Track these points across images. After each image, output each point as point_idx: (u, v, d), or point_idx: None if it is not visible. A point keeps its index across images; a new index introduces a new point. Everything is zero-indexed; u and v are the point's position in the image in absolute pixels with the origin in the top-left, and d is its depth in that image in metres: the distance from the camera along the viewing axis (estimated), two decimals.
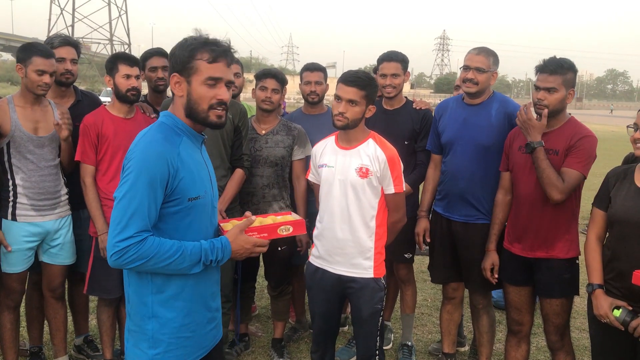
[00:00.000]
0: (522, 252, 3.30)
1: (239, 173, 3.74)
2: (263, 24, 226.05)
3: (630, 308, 2.69)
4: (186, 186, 2.06)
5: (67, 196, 3.55)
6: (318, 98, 4.25)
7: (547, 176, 3.05)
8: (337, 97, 2.99)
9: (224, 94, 2.10)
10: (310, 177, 3.31)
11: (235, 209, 3.81)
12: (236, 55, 3.01)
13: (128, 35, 53.44)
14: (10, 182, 3.35)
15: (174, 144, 2.06)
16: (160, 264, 1.99)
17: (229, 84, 2.14)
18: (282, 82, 3.94)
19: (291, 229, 2.37)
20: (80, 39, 52.08)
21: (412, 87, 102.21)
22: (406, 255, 4.09)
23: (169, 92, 3.00)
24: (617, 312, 2.70)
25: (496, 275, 3.47)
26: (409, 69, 4.16)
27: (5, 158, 3.33)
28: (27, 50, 3.33)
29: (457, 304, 3.91)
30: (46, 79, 3.30)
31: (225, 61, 2.10)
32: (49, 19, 50.64)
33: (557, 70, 3.08)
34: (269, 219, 2.50)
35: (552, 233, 3.20)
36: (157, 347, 2.11)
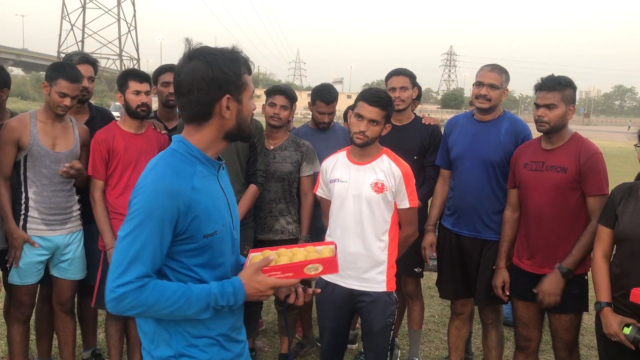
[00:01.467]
0: (531, 268, 3.30)
1: (252, 189, 3.77)
2: (271, 39, 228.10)
3: None
4: (201, 223, 1.82)
5: (79, 212, 3.58)
6: (328, 126, 4.34)
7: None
8: (359, 116, 3.00)
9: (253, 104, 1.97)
10: (319, 192, 3.33)
11: (249, 224, 3.83)
12: None
13: (137, 50, 53.99)
14: (23, 195, 3.39)
15: (186, 177, 1.81)
16: (163, 311, 1.77)
17: None
18: (292, 98, 3.98)
19: (320, 268, 1.99)
20: (90, 55, 52.63)
21: (419, 102, 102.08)
22: (416, 270, 4.10)
23: None
24: (627, 330, 2.68)
25: (507, 293, 3.47)
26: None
27: (22, 171, 3.38)
28: (56, 71, 3.37)
29: (465, 319, 3.90)
30: (67, 102, 3.35)
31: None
32: (60, 35, 51.23)
33: (556, 87, 3.13)
34: (296, 252, 2.14)
35: (560, 249, 3.20)
36: None
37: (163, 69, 4.08)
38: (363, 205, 3.04)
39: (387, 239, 3.08)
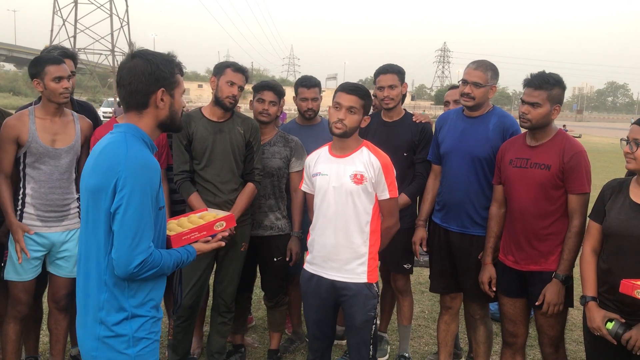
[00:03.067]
0: (515, 265, 3.31)
1: (249, 187, 3.77)
2: (264, 35, 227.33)
3: (623, 321, 2.70)
4: (159, 196, 2.22)
5: (77, 209, 3.52)
6: (314, 114, 4.31)
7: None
8: (337, 105, 3.06)
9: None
10: (304, 187, 3.36)
11: (246, 221, 3.84)
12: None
13: (130, 46, 53.56)
14: (21, 192, 3.38)
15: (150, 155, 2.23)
16: (166, 270, 2.24)
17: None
18: (280, 94, 3.99)
19: (224, 224, 2.58)
20: (82, 50, 52.29)
21: (412, 98, 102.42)
22: (405, 266, 4.12)
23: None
24: (609, 325, 2.70)
25: (494, 289, 3.48)
26: (410, 80, 4.22)
27: (21, 167, 3.37)
28: (37, 64, 3.36)
29: (454, 314, 3.91)
30: (65, 84, 3.34)
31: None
32: (51, 30, 50.82)
33: (543, 85, 3.13)
34: (194, 218, 2.67)
35: (545, 246, 3.21)
36: (137, 345, 2.23)
37: None
38: (343, 197, 3.07)
39: (368, 230, 3.11)
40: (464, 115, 3.71)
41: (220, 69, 3.70)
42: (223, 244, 2.51)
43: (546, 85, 3.14)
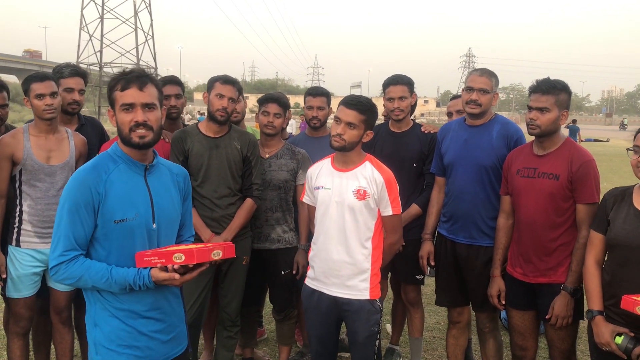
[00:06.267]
0: (524, 277, 3.24)
1: (248, 203, 3.76)
2: (288, 45, 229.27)
3: (632, 335, 2.61)
4: (111, 209, 2.24)
5: None
6: (320, 123, 4.29)
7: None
8: (337, 119, 3.03)
9: (139, 116, 2.28)
10: (305, 199, 3.33)
11: (246, 234, 3.83)
12: (260, 78, 3.06)
13: (154, 59, 54.37)
14: (18, 209, 3.42)
15: (104, 171, 2.29)
16: (89, 284, 2.24)
17: (145, 106, 2.29)
18: (284, 106, 3.98)
19: (183, 257, 2.23)
20: (109, 64, 53.25)
21: (437, 105, 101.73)
22: (417, 277, 4.06)
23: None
24: (618, 339, 2.62)
25: (503, 302, 3.42)
26: (435, 87, 4.20)
27: (17, 184, 3.42)
28: (25, 82, 3.44)
29: (462, 328, 3.84)
30: (47, 100, 3.38)
31: (135, 86, 2.28)
32: (78, 45, 51.71)
33: (550, 90, 3.07)
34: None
35: (554, 257, 3.14)
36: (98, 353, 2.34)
37: (162, 82, 4.07)
38: (346, 212, 3.03)
39: (370, 247, 3.06)
40: (466, 125, 3.66)
41: (211, 83, 3.71)
42: (176, 276, 2.23)
43: (553, 90, 3.09)
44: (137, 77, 2.29)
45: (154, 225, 2.37)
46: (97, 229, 2.26)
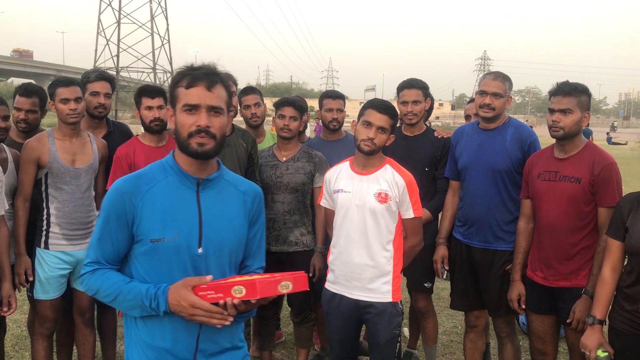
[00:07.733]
0: (545, 281, 3.23)
1: None
2: (303, 49, 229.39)
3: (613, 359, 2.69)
4: (149, 226, 1.95)
5: None
6: (339, 125, 4.30)
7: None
8: (367, 123, 3.02)
9: (202, 120, 1.93)
10: (323, 203, 3.34)
11: None
12: (274, 81, 3.02)
13: (170, 63, 54.85)
14: (45, 212, 3.48)
15: (147, 182, 1.99)
16: (105, 299, 2.00)
17: (211, 109, 1.95)
18: (301, 109, 4.00)
19: (245, 291, 1.84)
20: (125, 68, 53.81)
21: (452, 108, 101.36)
22: (426, 285, 4.04)
23: None
24: (602, 354, 2.68)
25: (523, 306, 3.40)
26: (450, 90, 4.21)
27: (43, 188, 3.47)
28: (51, 87, 3.50)
29: (479, 332, 3.82)
30: (71, 105, 3.43)
31: (203, 85, 1.95)
32: (96, 50, 52.41)
33: (572, 92, 3.06)
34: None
35: (575, 261, 3.12)
36: None
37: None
38: (367, 216, 3.03)
39: (392, 249, 3.07)
40: (480, 129, 3.66)
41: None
42: (230, 315, 1.89)
43: (575, 91, 3.08)
44: (205, 75, 1.95)
45: (200, 250, 2.00)
46: (138, 245, 1.98)
